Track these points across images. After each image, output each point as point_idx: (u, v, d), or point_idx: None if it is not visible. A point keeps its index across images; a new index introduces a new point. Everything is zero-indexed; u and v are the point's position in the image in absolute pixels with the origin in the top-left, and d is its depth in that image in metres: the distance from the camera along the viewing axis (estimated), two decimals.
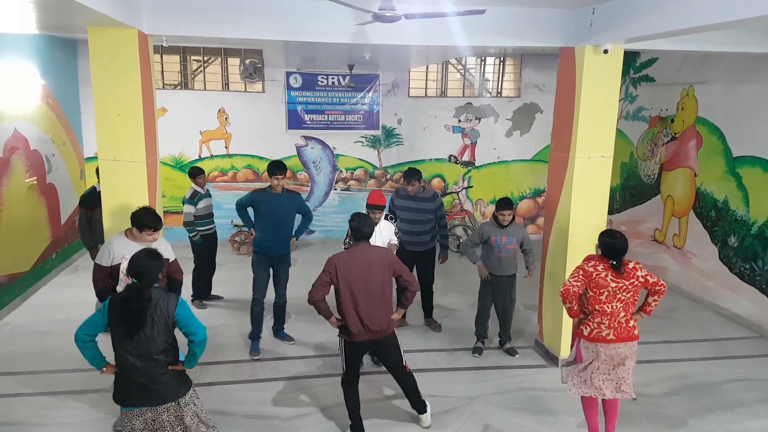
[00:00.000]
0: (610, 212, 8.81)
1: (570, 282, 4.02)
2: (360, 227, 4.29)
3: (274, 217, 5.73)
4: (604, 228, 5.46)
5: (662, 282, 4.07)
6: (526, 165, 10.43)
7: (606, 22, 4.81)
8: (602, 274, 3.98)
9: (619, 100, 5.50)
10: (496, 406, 5.01)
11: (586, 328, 4.08)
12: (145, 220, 4.18)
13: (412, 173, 6.10)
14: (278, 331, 6.19)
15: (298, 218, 5.99)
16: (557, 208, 5.59)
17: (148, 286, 3.38)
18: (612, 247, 4.02)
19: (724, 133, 7.21)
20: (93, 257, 5.46)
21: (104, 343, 3.53)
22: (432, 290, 6.57)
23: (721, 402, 5.14)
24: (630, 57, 8.83)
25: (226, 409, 4.84)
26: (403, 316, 6.56)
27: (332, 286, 4.25)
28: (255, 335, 5.91)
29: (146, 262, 3.40)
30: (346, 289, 4.17)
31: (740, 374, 5.65)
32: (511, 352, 5.95)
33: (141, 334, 3.34)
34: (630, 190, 9.18)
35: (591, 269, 4.01)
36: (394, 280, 4.37)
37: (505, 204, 5.64)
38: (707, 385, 5.43)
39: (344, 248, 5.43)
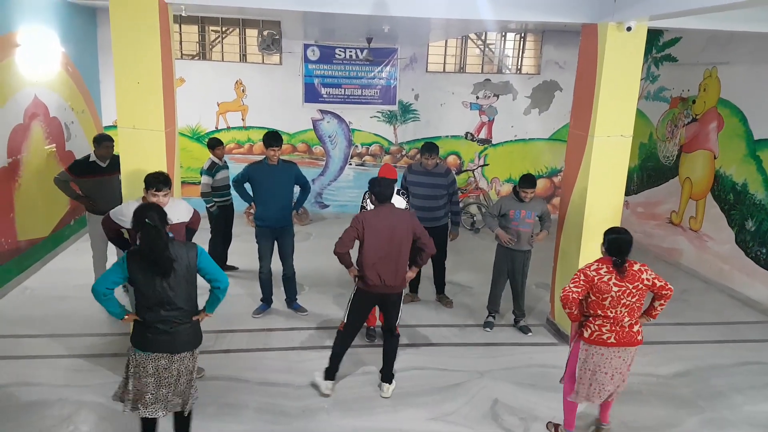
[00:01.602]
0: (627, 193, 8.76)
1: (570, 288, 3.84)
2: (382, 191, 4.57)
3: (271, 188, 5.77)
4: (620, 209, 5.47)
5: (669, 286, 3.90)
6: (543, 144, 10.35)
7: None
8: (605, 278, 3.79)
9: (641, 80, 5.42)
10: (505, 381, 5.05)
11: (586, 330, 3.96)
12: (150, 178, 4.24)
13: (431, 147, 6.10)
14: (291, 302, 6.27)
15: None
16: (574, 187, 5.56)
17: (162, 227, 3.41)
18: (617, 242, 3.83)
19: (746, 115, 7.09)
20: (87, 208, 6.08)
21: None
22: (444, 266, 6.59)
23: (732, 384, 5.14)
24: (653, 36, 8.67)
25: (240, 376, 4.93)
26: (416, 292, 6.62)
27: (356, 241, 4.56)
28: (264, 299, 6.17)
29: (152, 212, 3.44)
30: (370, 245, 4.47)
31: (752, 358, 5.64)
32: (525, 330, 5.98)
33: (165, 284, 3.41)
34: (648, 171, 9.09)
35: (593, 273, 3.82)
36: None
37: (527, 182, 5.60)
38: (718, 367, 5.43)
39: None
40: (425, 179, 6.12)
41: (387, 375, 4.82)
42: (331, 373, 4.75)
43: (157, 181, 4.22)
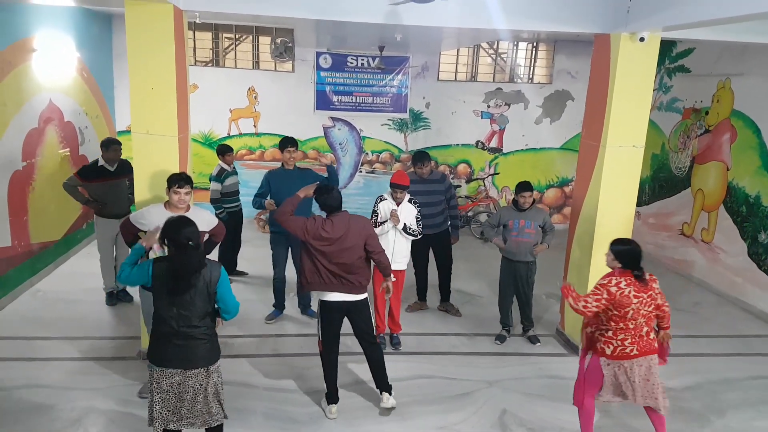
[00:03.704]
0: (639, 204, 8.69)
1: (590, 304, 3.81)
2: (326, 201, 4.39)
3: (286, 194, 5.75)
4: (632, 219, 5.44)
5: (667, 303, 4.00)
6: (554, 153, 10.32)
7: (644, 8, 4.71)
8: (625, 292, 3.78)
9: (653, 90, 5.41)
10: (514, 391, 5.02)
11: (608, 347, 3.92)
12: (173, 176, 4.32)
13: (421, 155, 6.15)
14: (306, 308, 6.29)
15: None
16: (585, 197, 5.54)
17: (198, 247, 3.44)
18: (633, 253, 3.83)
19: (759, 127, 7.04)
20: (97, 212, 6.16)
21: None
22: (450, 272, 6.54)
23: (744, 399, 5.08)
24: (666, 46, 8.64)
25: (248, 381, 4.94)
26: (424, 300, 6.60)
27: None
28: (277, 305, 6.22)
29: (191, 229, 3.45)
30: (319, 253, 4.32)
31: (764, 372, 5.58)
32: (533, 339, 5.95)
33: (186, 296, 3.39)
34: (660, 182, 9.04)
35: (615, 289, 3.79)
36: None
37: (524, 186, 5.64)
38: (730, 381, 5.37)
39: None
40: (422, 187, 6.11)
41: (383, 385, 4.65)
42: (332, 396, 4.58)
43: (180, 179, 4.30)
